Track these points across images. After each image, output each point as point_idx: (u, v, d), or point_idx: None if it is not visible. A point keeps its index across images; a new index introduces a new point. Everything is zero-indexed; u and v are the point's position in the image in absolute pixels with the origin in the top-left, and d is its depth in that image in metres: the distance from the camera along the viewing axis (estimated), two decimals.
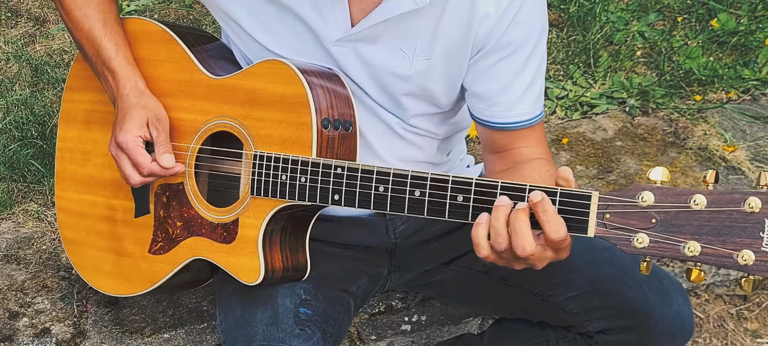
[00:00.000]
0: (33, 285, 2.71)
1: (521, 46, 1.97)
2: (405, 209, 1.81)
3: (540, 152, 2.07)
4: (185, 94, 2.11)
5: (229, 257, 2.03)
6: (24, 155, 3.12)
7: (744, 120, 3.35)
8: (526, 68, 1.99)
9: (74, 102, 2.35)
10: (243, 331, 2.06)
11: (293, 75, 1.93)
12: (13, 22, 3.92)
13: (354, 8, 1.94)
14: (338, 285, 2.21)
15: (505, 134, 2.06)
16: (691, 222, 1.55)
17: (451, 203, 1.76)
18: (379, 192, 1.83)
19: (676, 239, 1.56)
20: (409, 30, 1.95)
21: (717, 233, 1.54)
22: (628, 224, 1.60)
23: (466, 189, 1.74)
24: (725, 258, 1.54)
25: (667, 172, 1.59)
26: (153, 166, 2.03)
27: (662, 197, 1.57)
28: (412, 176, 1.79)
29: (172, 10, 3.97)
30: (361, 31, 1.95)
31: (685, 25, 3.80)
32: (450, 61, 1.99)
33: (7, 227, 2.93)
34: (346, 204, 1.87)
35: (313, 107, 1.91)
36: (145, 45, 2.19)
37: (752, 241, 1.52)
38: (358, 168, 1.85)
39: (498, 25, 1.93)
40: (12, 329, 2.58)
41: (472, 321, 2.72)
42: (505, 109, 2.02)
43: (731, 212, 1.53)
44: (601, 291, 2.06)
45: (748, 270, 1.53)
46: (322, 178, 1.89)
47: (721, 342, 2.90)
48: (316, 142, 1.91)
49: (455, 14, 1.93)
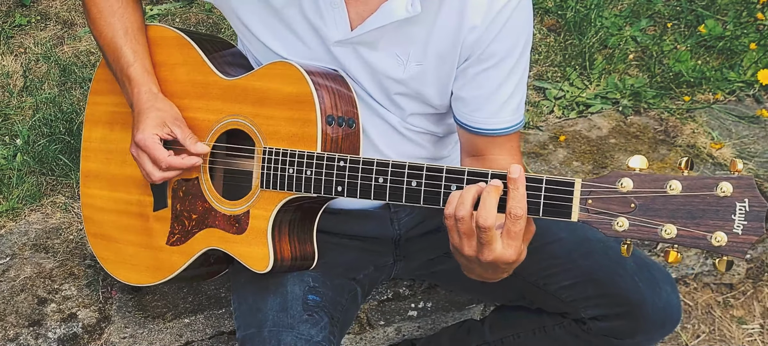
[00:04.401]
0: (60, 273, 2.71)
1: (505, 59, 1.97)
2: (403, 198, 1.81)
3: (514, 162, 2.06)
4: (199, 95, 2.12)
5: (241, 246, 2.03)
6: (52, 150, 3.12)
7: (730, 120, 3.35)
8: (509, 79, 2.00)
9: (98, 105, 2.36)
10: (255, 317, 2.07)
11: (300, 75, 1.94)
12: (43, 25, 3.92)
13: (352, 13, 1.95)
14: (346, 273, 2.21)
15: (484, 139, 2.06)
16: (668, 206, 1.55)
17: (445, 192, 1.75)
18: (379, 183, 1.83)
19: (654, 222, 1.56)
20: (404, 37, 1.96)
21: (691, 216, 1.53)
22: (609, 209, 1.59)
23: (458, 178, 1.74)
24: (700, 239, 1.53)
25: (646, 160, 1.58)
26: (171, 159, 2.03)
27: (640, 182, 1.57)
28: (409, 167, 1.79)
29: (192, 14, 3.97)
30: (359, 36, 1.95)
31: (675, 31, 3.79)
32: (441, 67, 1.99)
33: (37, 218, 2.93)
34: (349, 195, 1.88)
35: (317, 105, 1.91)
36: (164, 50, 2.20)
37: (724, 223, 1.52)
38: (359, 161, 1.86)
39: (484, 36, 1.93)
40: (41, 315, 2.58)
41: (474, 308, 2.72)
42: (488, 116, 2.03)
43: (705, 196, 1.52)
44: (595, 281, 2.06)
45: (722, 251, 1.52)
46: (326, 170, 1.89)
47: (708, 328, 2.89)
48: (321, 138, 1.91)
49: (446, 23, 1.93)
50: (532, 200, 1.66)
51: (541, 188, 1.65)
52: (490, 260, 1.68)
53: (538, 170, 3.08)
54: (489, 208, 1.65)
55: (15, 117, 3.34)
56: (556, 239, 2.10)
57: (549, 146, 3.19)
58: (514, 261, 1.69)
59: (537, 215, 1.67)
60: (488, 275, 1.78)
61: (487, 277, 1.79)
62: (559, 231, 2.11)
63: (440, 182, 1.76)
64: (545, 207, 1.65)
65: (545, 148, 3.18)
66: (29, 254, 2.78)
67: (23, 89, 3.49)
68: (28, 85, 3.50)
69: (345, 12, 1.93)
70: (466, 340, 2.40)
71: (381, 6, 1.91)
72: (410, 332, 2.72)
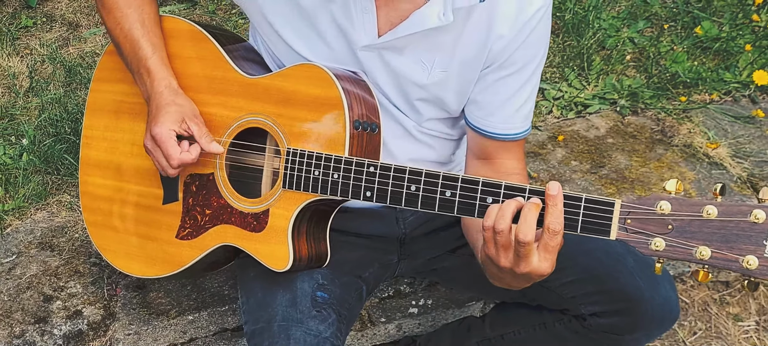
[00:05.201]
0: (66, 271, 2.71)
1: (524, 67, 1.99)
2: (436, 207, 1.82)
3: (519, 168, 2.11)
4: (217, 90, 2.10)
5: (259, 244, 2.02)
6: (58, 150, 3.12)
7: (725, 120, 3.35)
8: (524, 87, 2.02)
9: (102, 92, 2.32)
10: (264, 312, 2.07)
11: (329, 79, 1.93)
12: (49, 27, 3.92)
13: (381, 19, 1.94)
14: (352, 271, 2.21)
15: (494, 143, 2.07)
16: (703, 230, 1.60)
17: (480, 205, 1.77)
18: (411, 191, 1.83)
19: (690, 244, 1.61)
20: (432, 44, 1.96)
21: (725, 240, 1.59)
22: (646, 229, 1.65)
23: (495, 191, 1.76)
24: (732, 262, 1.59)
25: (680, 183, 1.65)
26: (183, 156, 2.02)
27: (678, 206, 1.62)
28: (443, 177, 1.80)
29: (196, 16, 3.97)
30: (388, 42, 1.95)
31: (672, 32, 3.80)
32: (464, 73, 2.00)
33: (42, 216, 2.93)
34: (378, 200, 1.87)
35: (347, 109, 1.91)
36: (177, 42, 2.18)
37: (756, 248, 1.58)
38: (390, 167, 1.85)
39: (510, 45, 1.95)
40: (46, 312, 2.58)
41: (474, 305, 2.72)
42: (501, 121, 2.04)
43: (739, 222, 1.58)
44: (595, 277, 2.06)
45: (752, 274, 1.59)
46: (355, 175, 1.89)
47: (705, 325, 2.89)
48: (349, 142, 1.91)
49: (474, 32, 1.94)
50: (571, 217, 1.69)
51: (579, 205, 1.69)
52: (526, 272, 1.71)
53: (536, 170, 3.08)
54: (530, 223, 1.67)
55: (21, 117, 3.34)
56: None
57: (548, 146, 3.19)
58: (547, 273, 1.72)
59: (575, 232, 1.70)
60: (517, 284, 1.80)
61: (515, 286, 1.81)
62: None
63: (476, 194, 1.77)
64: (583, 225, 1.69)
65: (544, 148, 3.18)
66: (35, 252, 2.78)
67: (29, 90, 3.49)
68: (33, 86, 3.50)
69: (374, 17, 1.93)
70: (467, 336, 2.40)
71: (413, 13, 1.91)
72: (411, 329, 2.72)
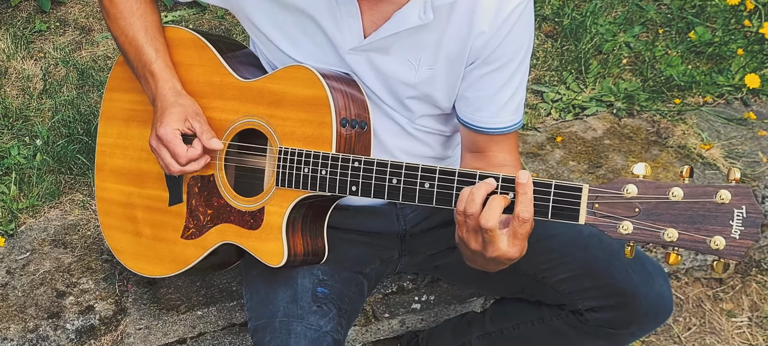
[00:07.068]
0: (78, 267, 2.71)
1: (509, 62, 1.99)
2: (416, 198, 1.82)
3: (511, 160, 2.10)
4: (216, 95, 2.12)
5: (255, 241, 2.03)
6: (71, 150, 3.12)
7: (719, 122, 3.35)
8: (510, 82, 2.02)
9: (114, 101, 2.35)
10: (266, 309, 2.08)
11: (315, 79, 1.94)
12: (62, 31, 3.93)
13: (366, 21, 1.95)
14: (353, 267, 2.22)
15: (485, 137, 2.07)
16: (670, 212, 1.58)
17: (457, 195, 1.77)
18: (393, 184, 1.84)
19: (657, 227, 1.59)
20: (416, 43, 1.96)
21: (692, 221, 1.57)
22: (614, 213, 1.62)
23: (470, 181, 1.76)
24: (699, 243, 1.57)
25: (649, 167, 1.62)
26: (190, 153, 2.04)
27: (644, 189, 1.60)
28: (422, 169, 1.80)
29: (205, 21, 3.97)
30: (373, 42, 1.96)
31: (667, 37, 3.80)
32: (450, 70, 2.00)
33: (56, 214, 2.93)
34: (362, 194, 1.88)
35: (333, 108, 1.92)
36: (181, 51, 2.20)
37: (723, 228, 1.55)
38: (373, 162, 1.86)
39: (491, 41, 1.94)
40: (59, 307, 2.58)
41: (475, 300, 2.72)
42: (489, 115, 2.04)
43: (705, 203, 1.56)
44: (591, 273, 2.06)
45: (720, 254, 1.56)
46: (340, 171, 1.89)
47: (699, 321, 2.89)
48: (335, 139, 1.91)
49: (456, 29, 1.94)
50: (541, 203, 1.69)
51: (550, 192, 1.68)
52: (495, 256, 1.72)
53: (536, 170, 3.08)
54: (494, 210, 1.68)
55: (35, 118, 3.34)
56: (553, 234, 2.11)
57: (546, 147, 3.19)
58: (516, 258, 1.73)
59: (546, 218, 1.69)
60: (490, 267, 1.80)
61: (489, 268, 1.81)
62: (557, 226, 2.11)
63: (453, 184, 1.78)
64: (554, 210, 1.68)
65: (543, 149, 3.18)
66: (48, 249, 2.78)
67: (43, 92, 3.49)
68: (47, 88, 3.50)
69: (359, 21, 1.94)
70: (468, 331, 2.40)
71: (394, 13, 1.92)
72: (414, 324, 2.72)
